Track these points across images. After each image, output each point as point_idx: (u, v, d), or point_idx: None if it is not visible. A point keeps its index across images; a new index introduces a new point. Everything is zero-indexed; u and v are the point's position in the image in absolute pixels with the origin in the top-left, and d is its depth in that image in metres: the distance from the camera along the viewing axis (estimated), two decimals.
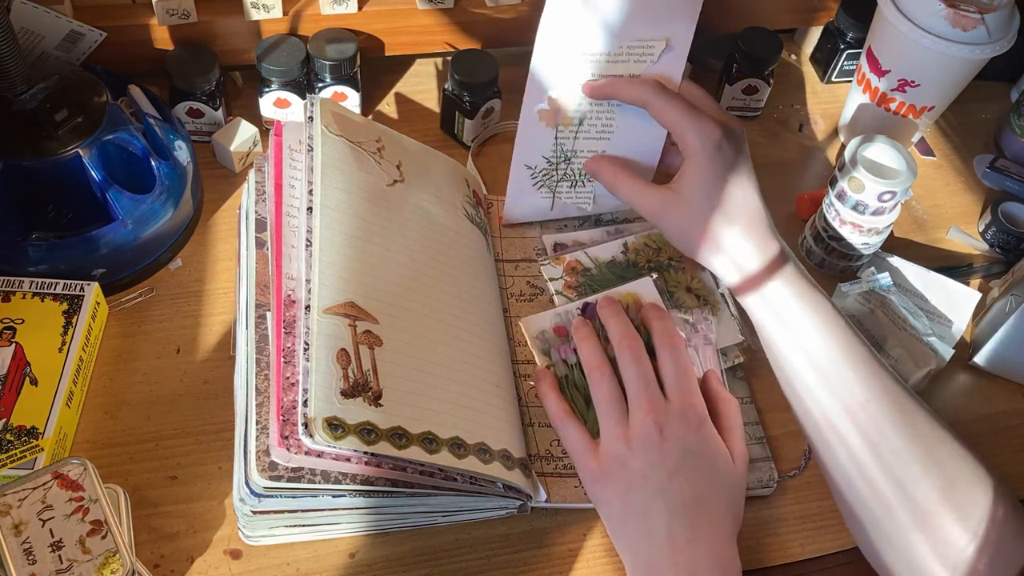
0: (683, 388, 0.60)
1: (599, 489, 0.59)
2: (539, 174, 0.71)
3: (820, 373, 0.59)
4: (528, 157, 0.70)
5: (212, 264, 0.72)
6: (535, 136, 0.69)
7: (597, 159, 0.70)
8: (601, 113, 0.68)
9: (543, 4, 0.62)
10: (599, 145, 0.69)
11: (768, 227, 0.63)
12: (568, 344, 0.66)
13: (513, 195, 0.73)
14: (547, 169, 0.71)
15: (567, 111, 0.68)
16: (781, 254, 0.62)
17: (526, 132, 0.69)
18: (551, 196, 0.72)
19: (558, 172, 0.71)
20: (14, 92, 0.64)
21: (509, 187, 0.72)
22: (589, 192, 0.73)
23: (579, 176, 0.71)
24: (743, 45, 0.84)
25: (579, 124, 0.68)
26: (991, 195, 0.86)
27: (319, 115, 0.64)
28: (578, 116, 0.68)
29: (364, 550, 0.59)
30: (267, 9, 0.78)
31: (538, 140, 0.69)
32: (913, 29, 0.74)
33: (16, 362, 0.61)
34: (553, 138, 0.69)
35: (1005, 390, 0.73)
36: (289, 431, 0.52)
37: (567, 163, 0.70)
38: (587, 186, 0.72)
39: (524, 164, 0.70)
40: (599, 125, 0.68)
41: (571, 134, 0.69)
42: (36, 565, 0.51)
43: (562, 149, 0.70)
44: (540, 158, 0.70)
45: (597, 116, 0.68)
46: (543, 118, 0.68)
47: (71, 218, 0.69)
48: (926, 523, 0.54)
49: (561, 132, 0.69)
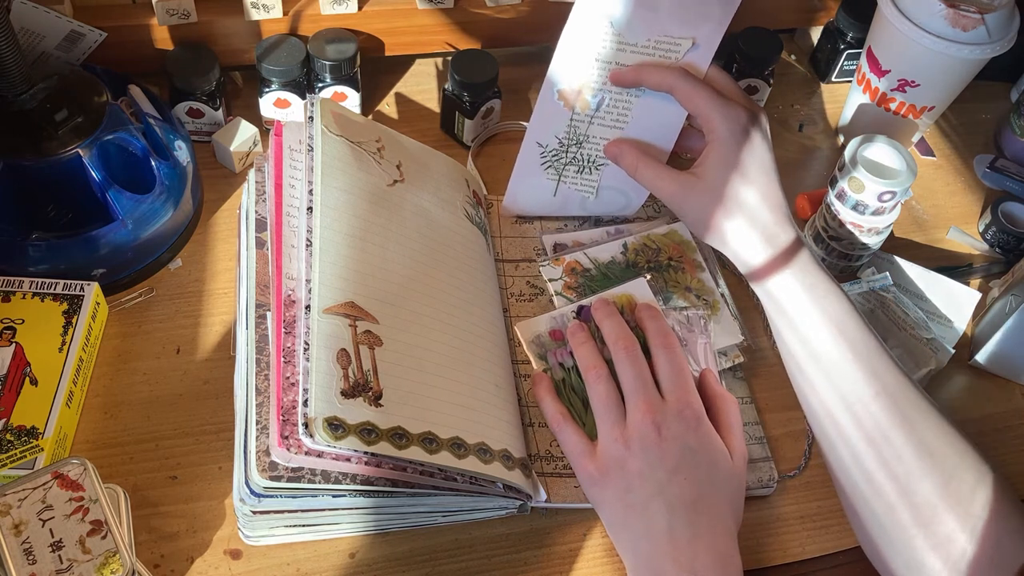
0: (679, 387, 0.60)
1: (598, 491, 0.59)
2: (548, 154, 0.71)
3: (830, 363, 0.59)
4: (541, 135, 0.70)
5: (212, 264, 0.72)
6: (551, 115, 0.69)
7: (619, 142, 0.69)
8: (619, 101, 0.68)
9: (544, 7, 0.62)
10: (612, 133, 0.70)
11: (786, 215, 0.63)
12: (564, 348, 0.66)
13: (519, 174, 0.73)
14: (557, 151, 0.71)
15: (586, 95, 0.68)
16: (796, 242, 0.62)
17: (543, 110, 0.69)
18: (556, 179, 0.73)
19: (567, 155, 0.71)
20: (14, 92, 0.64)
21: (516, 166, 0.72)
22: (594, 180, 0.73)
23: (587, 163, 0.72)
24: (743, 45, 0.84)
25: (596, 110, 0.69)
26: (991, 195, 0.86)
27: (319, 115, 0.64)
28: (596, 101, 0.68)
29: (364, 550, 0.59)
30: (267, 9, 0.78)
31: (553, 120, 0.69)
32: (913, 29, 0.74)
33: (16, 362, 0.61)
34: (568, 120, 0.69)
35: (1005, 390, 0.73)
36: (289, 431, 0.52)
37: (578, 146, 0.71)
38: (593, 174, 0.72)
39: (536, 141, 0.71)
40: (615, 113, 0.69)
41: (586, 119, 0.69)
42: (36, 565, 0.51)
43: (575, 132, 0.70)
44: (553, 138, 0.70)
45: (614, 104, 0.68)
46: (562, 98, 0.68)
47: (71, 218, 0.69)
48: (926, 520, 0.54)
49: (577, 115, 0.69)
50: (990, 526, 0.53)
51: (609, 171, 0.72)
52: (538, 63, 0.67)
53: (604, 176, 0.72)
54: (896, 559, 0.56)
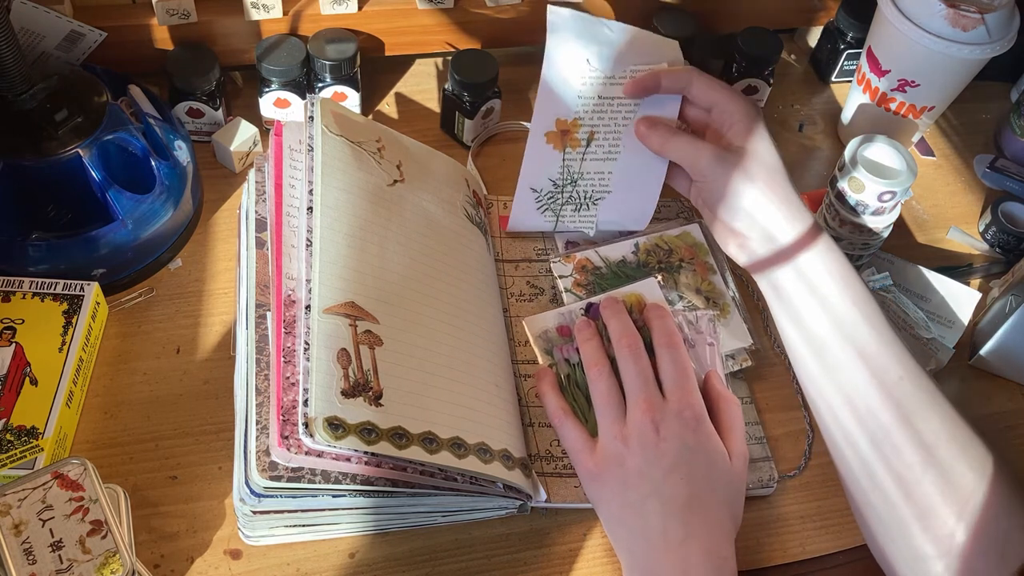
0: (681, 387, 0.60)
1: (596, 488, 0.59)
2: (544, 197, 0.71)
3: (858, 348, 0.58)
4: (534, 180, 0.71)
5: (212, 264, 0.72)
6: (542, 159, 0.70)
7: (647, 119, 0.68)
8: (609, 133, 0.69)
9: (544, 7, 0.63)
10: (606, 166, 0.70)
11: (799, 200, 0.63)
12: (571, 344, 0.66)
13: (517, 216, 0.73)
14: (552, 192, 0.71)
15: (575, 133, 0.68)
16: (816, 224, 0.62)
17: (533, 155, 0.69)
18: (554, 219, 0.73)
19: (563, 195, 0.71)
20: (14, 92, 0.64)
21: (513, 207, 0.72)
22: (592, 216, 0.73)
23: (583, 199, 0.72)
24: (743, 45, 0.85)
25: (587, 145, 0.69)
26: (991, 195, 0.86)
27: (319, 115, 0.64)
28: (585, 137, 0.69)
29: (364, 550, 0.59)
30: (267, 9, 0.78)
31: (545, 163, 0.70)
32: (913, 29, 0.74)
33: (16, 362, 0.61)
34: (560, 160, 0.70)
35: (1005, 390, 0.73)
36: (289, 431, 0.52)
37: (573, 185, 0.71)
38: (591, 209, 0.72)
39: (530, 187, 0.71)
40: (606, 146, 0.69)
41: (578, 156, 0.69)
42: (36, 565, 0.50)
43: (569, 171, 0.70)
44: (547, 181, 0.71)
45: (604, 137, 0.69)
46: (551, 140, 0.69)
47: (71, 218, 0.69)
48: (927, 515, 0.54)
49: (568, 154, 0.69)
50: (993, 521, 0.53)
51: (606, 205, 0.72)
52: (538, 63, 0.67)
53: (602, 211, 0.73)
54: (898, 554, 0.56)
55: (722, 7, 0.89)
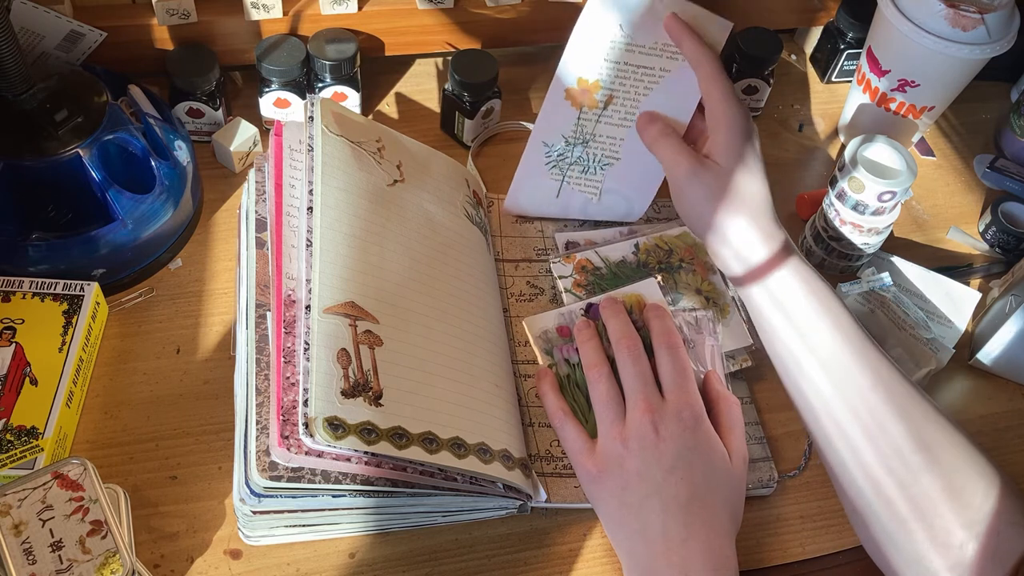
0: (680, 388, 0.60)
1: (596, 488, 0.59)
2: (554, 153, 0.71)
3: (823, 362, 0.59)
4: (547, 135, 0.71)
5: (212, 264, 0.72)
6: (559, 114, 0.69)
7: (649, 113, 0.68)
8: (627, 100, 0.68)
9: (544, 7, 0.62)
10: (619, 132, 0.70)
11: (774, 218, 0.63)
12: (571, 344, 0.66)
13: (522, 174, 0.73)
14: (563, 150, 0.71)
15: (594, 93, 0.68)
16: (788, 241, 0.62)
17: (550, 110, 0.69)
18: (560, 180, 0.73)
19: (573, 154, 0.71)
20: (14, 92, 0.64)
21: (520, 165, 0.72)
22: (598, 181, 0.73)
23: (592, 162, 0.72)
24: (743, 45, 0.84)
25: (604, 108, 0.69)
26: (991, 195, 0.86)
27: (319, 115, 0.64)
28: (604, 99, 0.68)
29: (364, 550, 0.59)
30: (267, 9, 0.78)
31: (561, 119, 0.70)
32: (913, 29, 0.74)
33: (16, 362, 0.61)
34: (576, 118, 0.69)
35: (1005, 390, 0.73)
36: (289, 431, 0.52)
37: (584, 145, 0.71)
38: (598, 174, 0.72)
39: (542, 141, 0.71)
40: (623, 112, 0.69)
41: (594, 117, 0.69)
42: (36, 565, 0.51)
43: (582, 130, 0.70)
44: (559, 137, 0.71)
45: (622, 103, 0.68)
46: (569, 97, 0.68)
47: (71, 218, 0.69)
48: (925, 516, 0.54)
49: (584, 113, 0.69)
50: (989, 518, 0.53)
51: (613, 172, 0.72)
52: (538, 63, 0.67)
53: (608, 178, 0.72)
54: (896, 555, 0.56)
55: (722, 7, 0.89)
